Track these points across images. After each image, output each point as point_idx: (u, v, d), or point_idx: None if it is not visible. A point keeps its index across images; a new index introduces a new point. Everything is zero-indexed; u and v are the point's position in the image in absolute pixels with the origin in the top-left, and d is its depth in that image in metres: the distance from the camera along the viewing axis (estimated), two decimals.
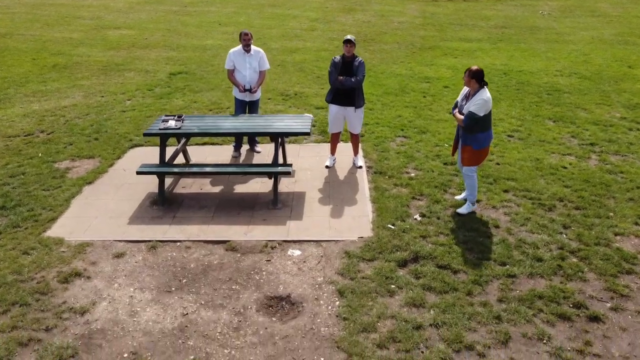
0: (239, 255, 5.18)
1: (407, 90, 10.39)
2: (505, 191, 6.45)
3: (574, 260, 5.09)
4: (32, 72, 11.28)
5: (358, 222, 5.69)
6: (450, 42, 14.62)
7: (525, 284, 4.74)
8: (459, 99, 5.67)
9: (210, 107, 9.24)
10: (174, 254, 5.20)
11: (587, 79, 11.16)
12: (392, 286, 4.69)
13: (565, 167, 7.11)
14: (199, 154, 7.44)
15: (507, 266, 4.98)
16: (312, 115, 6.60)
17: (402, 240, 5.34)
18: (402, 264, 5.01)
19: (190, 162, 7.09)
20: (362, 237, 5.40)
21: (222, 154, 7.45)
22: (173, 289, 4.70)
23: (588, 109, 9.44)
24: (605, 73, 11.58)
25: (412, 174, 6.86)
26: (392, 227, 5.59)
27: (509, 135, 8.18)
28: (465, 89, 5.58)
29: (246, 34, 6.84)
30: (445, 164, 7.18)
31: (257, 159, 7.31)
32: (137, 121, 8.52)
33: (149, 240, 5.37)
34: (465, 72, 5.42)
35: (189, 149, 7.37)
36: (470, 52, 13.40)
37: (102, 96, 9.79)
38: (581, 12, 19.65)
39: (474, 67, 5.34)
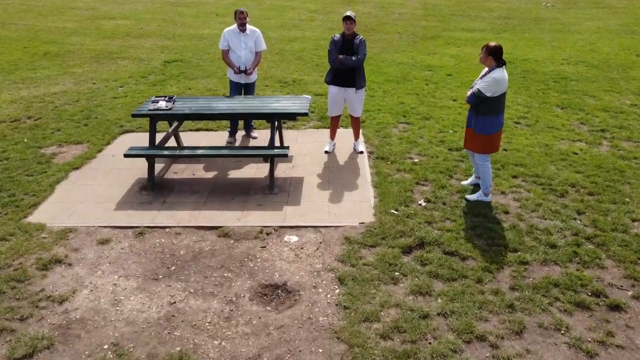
0: (232, 241, 4.85)
1: (409, 78, 10.06)
2: (514, 177, 6.12)
3: (590, 246, 4.76)
4: (23, 60, 10.94)
5: (359, 207, 5.36)
6: (453, 32, 14.28)
7: (539, 271, 4.41)
8: (477, 79, 5.32)
9: (205, 94, 8.89)
10: (163, 240, 4.86)
11: (594, 67, 10.83)
12: (396, 273, 4.36)
13: (576, 153, 6.78)
14: (192, 139, 7.09)
15: (519, 253, 4.64)
16: (310, 97, 6.27)
17: (406, 226, 5.01)
18: (407, 250, 4.68)
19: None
20: (363, 223, 5.07)
21: (216, 139, 7.12)
22: (160, 276, 4.37)
23: (597, 96, 9.10)
24: (612, 61, 11.24)
25: (416, 160, 6.53)
26: (396, 212, 5.26)
27: (515, 122, 7.84)
28: (484, 70, 5.23)
29: (241, 12, 6.51)
30: (450, 149, 6.85)
31: (253, 145, 6.97)
32: (129, 107, 8.19)
33: (137, 226, 5.03)
34: (482, 49, 5.07)
35: (181, 135, 7.03)
36: (474, 42, 13.05)
37: (94, 83, 9.45)
38: (585, 3, 19.31)
39: (492, 43, 4.99)
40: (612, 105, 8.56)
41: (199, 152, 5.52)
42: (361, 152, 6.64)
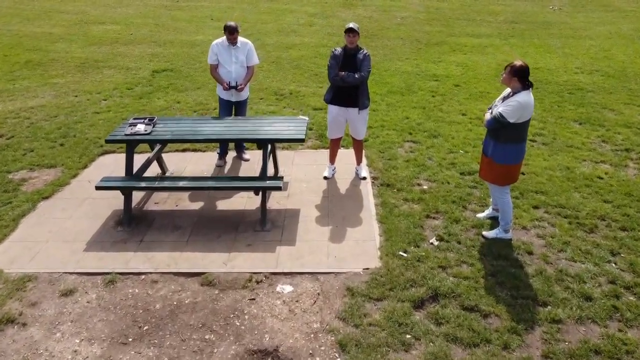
0: (216, 292, 4.19)
1: (414, 89, 9.40)
2: (536, 207, 5.47)
3: (631, 298, 4.11)
4: (1, 69, 10.27)
5: (363, 247, 4.70)
6: (458, 37, 13.63)
7: (575, 333, 3.76)
8: (497, 99, 4.67)
9: (194, 108, 8.24)
10: (137, 290, 4.21)
11: (610, 77, 10.18)
12: (408, 336, 3.70)
13: (600, 178, 6.13)
14: (178, 161, 6.45)
15: (550, 307, 3.99)
16: (307, 118, 5.62)
17: (417, 272, 4.35)
18: (419, 304, 4.02)
19: (167, 173, 6.10)
20: (368, 269, 4.41)
21: (204, 161, 6.47)
22: (130, 339, 3.71)
23: (616, 109, 8.46)
24: (630, 70, 10.59)
25: (425, 186, 5.88)
26: (404, 254, 4.60)
27: (531, 140, 7.18)
28: (507, 90, 4.58)
29: (232, 31, 5.70)
30: (462, 173, 6.20)
31: (244, 168, 6.32)
32: (111, 124, 7.53)
33: (107, 273, 4.38)
34: (505, 69, 4.42)
35: (165, 155, 6.38)
36: (481, 48, 12.41)
37: (75, 96, 8.79)
38: (593, 6, 18.67)
39: (518, 63, 4.33)
40: (635, 120, 7.92)
41: (181, 183, 4.87)
42: (364, 178, 5.99)
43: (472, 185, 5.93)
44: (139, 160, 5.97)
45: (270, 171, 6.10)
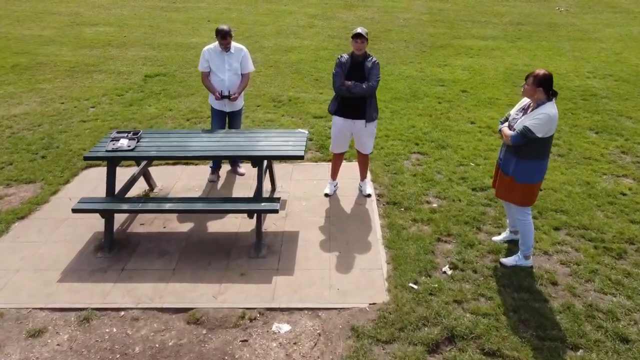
0: (204, 331, 3.72)
1: (419, 95, 8.93)
2: (557, 229, 5.01)
3: None
4: None
5: (368, 278, 4.23)
6: (463, 39, 13.15)
7: None
8: (512, 111, 4.21)
9: (187, 117, 7.77)
10: (115, 329, 3.74)
11: (625, 82, 9.71)
12: None
13: (624, 194, 5.67)
14: (168, 175, 5.98)
15: (582, 351, 3.52)
16: (307, 131, 5.14)
17: (429, 308, 3.88)
18: (433, 347, 3.55)
19: (155, 189, 5.63)
20: (374, 304, 3.94)
21: (196, 176, 6.00)
22: None
23: (634, 117, 7.99)
24: None
25: (435, 204, 5.41)
26: (415, 286, 4.13)
27: None
28: (524, 101, 4.12)
29: (225, 36, 5.23)
30: (474, 189, 5.74)
31: (239, 183, 5.85)
32: (98, 134, 7.06)
33: (82, 309, 3.90)
34: (527, 78, 3.95)
35: (154, 169, 5.92)
36: (488, 51, 11.93)
37: (62, 103, 8.31)
38: (601, 7, 18.20)
39: (541, 71, 3.87)
40: None
41: (167, 206, 4.39)
42: (369, 196, 5.52)
43: (485, 202, 5.47)
44: (125, 173, 5.52)
45: (267, 187, 5.64)
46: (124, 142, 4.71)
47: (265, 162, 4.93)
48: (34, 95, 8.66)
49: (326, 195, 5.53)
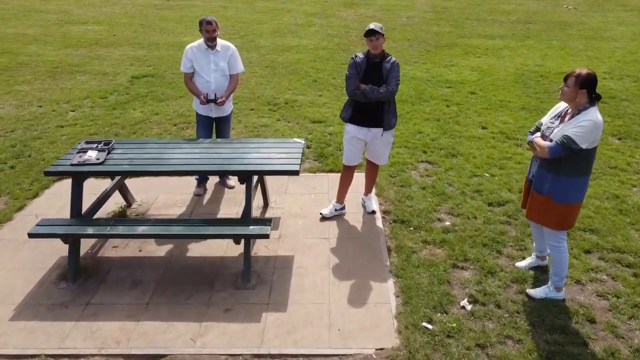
0: None
1: (426, 97, 8.31)
2: (587, 252, 4.39)
3: None
4: None
5: (375, 315, 3.61)
6: (470, 38, 12.53)
7: None
8: (545, 118, 3.59)
9: (175, 121, 7.15)
10: None
11: None
12: None
13: None
14: (148, 188, 5.36)
15: None
16: (303, 141, 4.52)
17: (448, 355, 3.26)
18: None
19: (134, 204, 5.01)
20: (382, 349, 3.32)
21: (181, 189, 5.38)
22: None
23: None
24: None
25: (447, 222, 4.79)
26: (429, 326, 3.51)
27: None
28: (560, 105, 3.50)
29: (209, 22, 4.75)
30: (490, 204, 5.12)
31: (228, 198, 5.22)
32: (75, 140, 6.43)
33: (34, 356, 3.28)
34: (566, 79, 3.33)
35: (133, 182, 5.29)
36: (496, 51, 11.31)
37: (40, 106, 7.69)
38: (610, 5, 17.58)
39: (584, 71, 3.26)
40: None
41: (140, 229, 3.77)
42: (373, 212, 4.89)
43: (504, 220, 4.85)
44: (99, 186, 4.90)
45: (259, 201, 5.02)
46: (92, 155, 4.09)
47: (256, 177, 4.32)
48: (10, 98, 8.03)
49: (322, 216, 4.85)
